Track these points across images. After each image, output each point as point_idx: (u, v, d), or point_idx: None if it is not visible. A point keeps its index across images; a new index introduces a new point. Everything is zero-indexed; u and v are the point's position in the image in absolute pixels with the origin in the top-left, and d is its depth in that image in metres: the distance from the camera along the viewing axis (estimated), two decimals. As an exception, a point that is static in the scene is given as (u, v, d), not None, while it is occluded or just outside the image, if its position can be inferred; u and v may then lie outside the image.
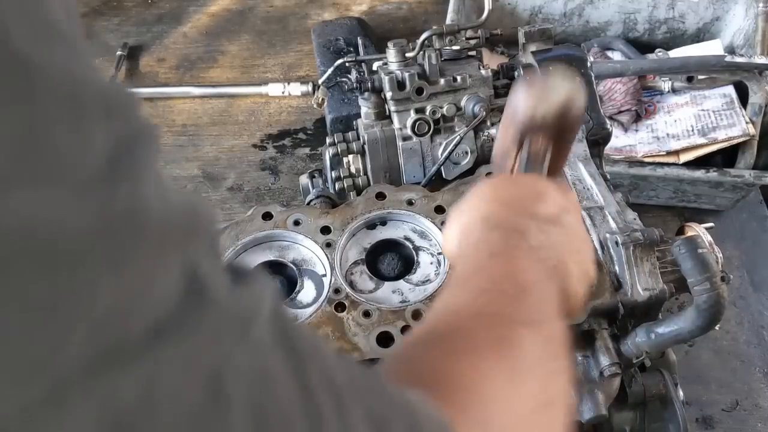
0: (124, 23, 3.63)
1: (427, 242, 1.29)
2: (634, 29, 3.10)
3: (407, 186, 1.38)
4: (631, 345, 1.18)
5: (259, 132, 3.15)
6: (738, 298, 2.37)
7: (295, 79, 3.30)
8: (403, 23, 3.62)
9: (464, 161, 1.44)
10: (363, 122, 1.48)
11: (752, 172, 2.47)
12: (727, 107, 2.71)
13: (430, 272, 1.26)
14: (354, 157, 1.47)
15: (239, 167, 3.04)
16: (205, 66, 3.44)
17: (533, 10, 3.11)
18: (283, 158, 3.06)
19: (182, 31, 3.60)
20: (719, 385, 2.15)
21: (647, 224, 1.27)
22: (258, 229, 1.29)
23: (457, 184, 1.33)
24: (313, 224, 1.28)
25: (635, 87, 2.76)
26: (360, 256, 1.28)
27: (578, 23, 3.09)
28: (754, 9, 2.81)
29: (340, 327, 1.15)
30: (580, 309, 0.82)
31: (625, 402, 1.25)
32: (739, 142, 2.59)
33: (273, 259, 1.29)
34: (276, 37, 3.54)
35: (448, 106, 1.43)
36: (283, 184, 2.97)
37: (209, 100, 3.25)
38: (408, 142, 1.44)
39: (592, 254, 0.87)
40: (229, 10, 3.70)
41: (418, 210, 1.30)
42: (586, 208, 1.28)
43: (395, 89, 1.41)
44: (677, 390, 1.27)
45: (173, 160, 3.07)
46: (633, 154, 2.65)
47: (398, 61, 1.44)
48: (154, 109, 3.24)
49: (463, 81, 1.42)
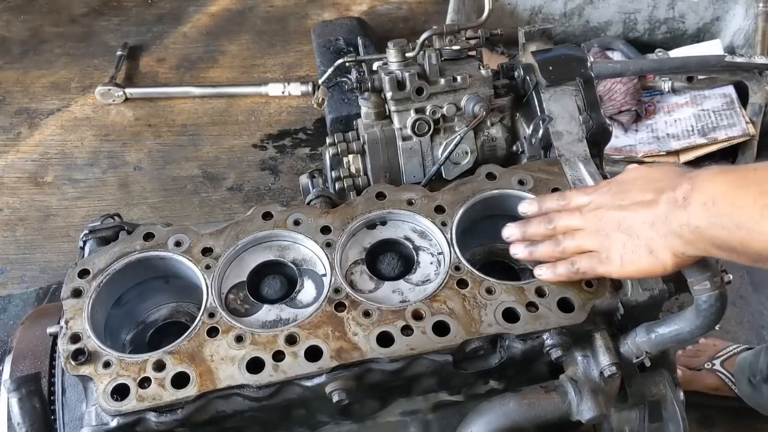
0: (124, 23, 3.64)
1: (427, 242, 1.29)
2: (634, 29, 3.10)
3: (407, 186, 1.38)
4: (631, 345, 1.18)
5: (259, 132, 3.16)
6: (738, 298, 2.37)
7: (295, 79, 3.30)
8: (403, 23, 3.62)
9: (464, 161, 1.44)
10: (363, 122, 1.48)
11: (752, 172, 2.47)
12: (727, 107, 2.71)
13: (430, 272, 1.26)
14: (354, 157, 1.47)
15: (239, 167, 3.05)
16: (205, 66, 3.44)
17: (533, 10, 3.11)
18: (283, 158, 3.06)
19: (182, 31, 3.60)
20: (719, 385, 2.16)
21: (647, 224, 1.27)
22: (258, 228, 1.29)
23: (457, 184, 1.33)
24: (313, 224, 1.28)
25: (635, 87, 2.76)
26: (360, 256, 1.28)
27: (578, 23, 3.09)
28: (754, 9, 2.81)
29: (340, 327, 1.15)
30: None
31: (625, 402, 1.25)
32: (739, 142, 2.59)
33: (273, 259, 1.29)
34: (276, 37, 3.55)
35: (448, 106, 1.43)
36: (283, 184, 2.98)
37: (209, 100, 3.26)
38: (408, 142, 1.44)
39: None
40: (229, 10, 3.71)
41: (418, 210, 1.30)
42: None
43: (395, 89, 1.41)
44: (677, 390, 1.27)
45: (173, 160, 3.08)
46: (633, 154, 2.65)
47: (398, 61, 1.44)
48: (154, 109, 3.25)
49: (463, 81, 1.42)
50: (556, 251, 1.14)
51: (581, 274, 1.12)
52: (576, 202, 1.14)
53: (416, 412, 1.26)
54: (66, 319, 1.17)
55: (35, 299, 2.54)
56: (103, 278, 1.23)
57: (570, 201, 1.15)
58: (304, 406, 1.18)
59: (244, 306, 1.24)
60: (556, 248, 1.14)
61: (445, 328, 1.14)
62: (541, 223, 1.16)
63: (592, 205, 1.11)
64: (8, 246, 2.75)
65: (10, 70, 3.40)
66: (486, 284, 1.19)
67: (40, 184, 2.95)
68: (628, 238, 1.04)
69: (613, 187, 1.10)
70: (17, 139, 3.12)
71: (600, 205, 1.09)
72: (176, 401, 1.08)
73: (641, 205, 1.03)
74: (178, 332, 1.17)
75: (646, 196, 1.03)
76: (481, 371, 1.19)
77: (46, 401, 1.20)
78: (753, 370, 1.91)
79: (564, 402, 1.17)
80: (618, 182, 1.11)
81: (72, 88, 3.32)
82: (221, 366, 1.11)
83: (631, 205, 1.05)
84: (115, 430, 1.08)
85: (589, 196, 1.12)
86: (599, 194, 1.11)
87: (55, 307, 1.35)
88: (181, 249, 1.26)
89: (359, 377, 1.13)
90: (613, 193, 1.09)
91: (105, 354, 1.13)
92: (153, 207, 2.85)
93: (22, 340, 1.38)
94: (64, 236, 2.76)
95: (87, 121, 3.17)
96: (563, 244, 1.13)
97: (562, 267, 1.13)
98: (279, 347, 1.13)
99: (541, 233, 1.16)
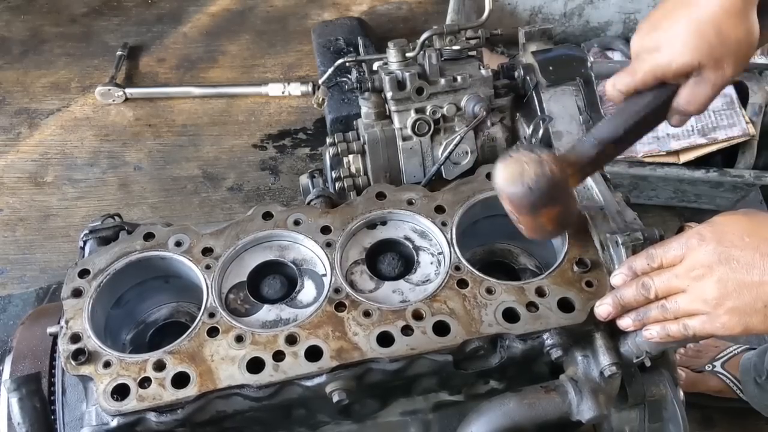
0: (124, 23, 3.63)
1: (427, 242, 1.29)
2: (634, 29, 3.10)
3: (407, 186, 1.38)
4: (631, 345, 1.18)
5: (259, 132, 3.16)
6: (738, 298, 2.36)
7: (295, 79, 3.30)
8: (403, 23, 3.62)
9: (464, 161, 1.44)
10: (363, 122, 1.48)
11: (752, 172, 2.47)
12: (727, 107, 2.71)
13: (430, 272, 1.26)
14: (354, 157, 1.47)
15: (239, 167, 3.04)
16: (205, 66, 3.44)
17: (533, 10, 3.11)
18: (283, 158, 3.06)
19: (182, 31, 3.60)
20: (719, 385, 2.16)
21: (647, 224, 1.27)
22: (258, 228, 1.29)
23: (457, 184, 1.33)
24: (313, 224, 1.28)
25: (635, 87, 2.76)
26: (360, 256, 1.28)
27: (578, 23, 3.09)
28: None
29: (341, 327, 1.15)
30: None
31: (625, 402, 1.25)
32: (739, 142, 2.59)
33: (273, 259, 1.29)
34: (276, 37, 3.54)
35: (448, 106, 1.43)
36: (283, 184, 2.97)
37: (209, 100, 3.26)
38: (408, 142, 1.44)
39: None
40: (229, 10, 3.70)
41: (418, 210, 1.30)
42: (586, 208, 1.28)
43: (395, 89, 1.41)
44: (677, 390, 1.27)
45: (173, 160, 3.07)
46: (633, 154, 2.65)
47: (398, 61, 1.44)
48: (154, 109, 3.24)
49: (464, 81, 1.42)
50: (667, 317, 1.09)
51: (692, 335, 1.08)
52: (667, 259, 1.09)
53: (416, 412, 1.26)
54: (66, 319, 1.17)
55: (35, 299, 2.54)
56: (104, 278, 1.23)
57: (659, 260, 1.10)
58: (304, 406, 1.18)
59: (244, 306, 1.24)
60: (666, 314, 1.09)
61: (446, 328, 1.14)
62: (638, 291, 1.11)
63: (689, 264, 1.06)
64: (8, 246, 2.74)
65: (10, 70, 3.40)
66: (486, 284, 1.19)
67: (40, 184, 2.94)
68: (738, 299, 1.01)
69: (709, 244, 1.04)
70: (17, 139, 3.11)
71: (699, 264, 1.04)
72: (176, 401, 1.08)
73: (746, 267, 1.00)
74: (179, 332, 1.17)
75: (747, 255, 1.00)
76: (482, 371, 1.19)
77: (46, 401, 1.20)
78: (758, 370, 1.91)
79: (564, 402, 1.17)
80: (710, 237, 1.05)
81: (72, 88, 3.31)
82: (221, 366, 1.11)
83: (735, 265, 1.01)
84: (115, 430, 1.08)
85: (680, 251, 1.07)
86: (692, 251, 1.06)
87: (55, 307, 1.35)
88: (182, 249, 1.26)
89: (359, 377, 1.13)
90: (709, 251, 1.04)
91: (105, 354, 1.13)
92: (153, 207, 2.85)
93: (22, 340, 1.38)
94: (64, 236, 2.76)
95: (87, 121, 3.17)
96: (670, 309, 1.08)
97: (673, 328, 1.09)
98: (279, 347, 1.13)
99: (639, 302, 1.12)
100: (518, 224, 1.17)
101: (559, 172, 1.09)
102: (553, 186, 1.09)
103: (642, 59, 1.13)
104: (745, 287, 1.00)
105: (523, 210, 1.12)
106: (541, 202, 1.10)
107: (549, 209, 1.12)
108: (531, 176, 1.07)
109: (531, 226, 1.16)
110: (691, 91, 1.12)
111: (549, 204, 1.11)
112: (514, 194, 1.10)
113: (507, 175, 1.10)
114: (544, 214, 1.13)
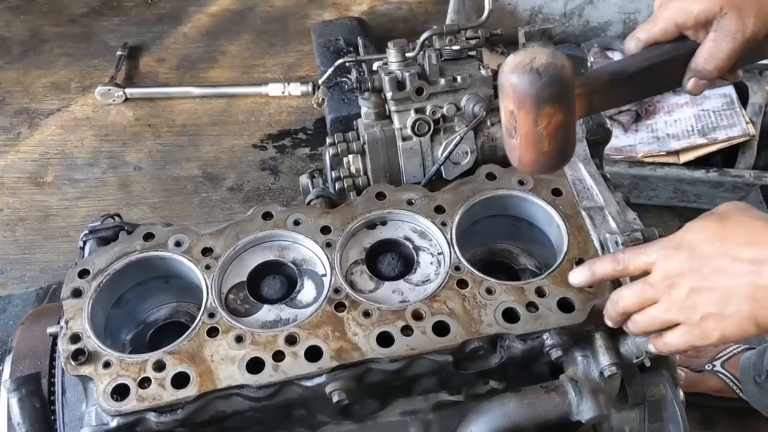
0: (124, 23, 3.63)
1: (427, 242, 1.29)
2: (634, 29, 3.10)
3: (407, 186, 1.38)
4: (631, 345, 1.18)
5: (259, 132, 3.16)
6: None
7: (295, 79, 3.30)
8: (403, 23, 3.62)
9: (464, 161, 1.44)
10: (363, 122, 1.48)
11: (752, 172, 2.47)
12: (727, 107, 2.71)
13: (430, 272, 1.26)
14: (354, 157, 1.47)
15: (239, 167, 3.04)
16: (205, 66, 3.44)
17: (533, 10, 3.11)
18: (283, 158, 3.06)
19: (182, 31, 3.60)
20: (719, 385, 2.15)
21: (647, 224, 1.27)
22: (258, 228, 1.29)
23: (457, 184, 1.33)
24: (313, 224, 1.29)
25: (635, 87, 2.76)
26: (360, 256, 1.28)
27: (578, 23, 3.09)
28: (754, 9, 2.80)
29: (340, 327, 1.15)
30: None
31: (625, 402, 1.25)
32: (739, 142, 2.59)
33: (273, 259, 1.29)
34: (276, 37, 3.54)
35: (448, 106, 1.43)
36: (283, 184, 2.98)
37: (209, 100, 3.26)
38: (408, 142, 1.44)
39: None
40: (229, 10, 3.70)
41: (418, 210, 1.30)
42: (586, 208, 1.28)
43: (395, 89, 1.41)
44: (677, 390, 1.27)
45: (173, 160, 3.07)
46: (633, 154, 2.65)
47: (398, 61, 1.44)
48: (154, 109, 3.24)
49: (463, 81, 1.42)
50: (646, 329, 1.10)
51: (674, 350, 1.08)
52: (637, 265, 1.07)
53: (416, 412, 1.26)
54: (66, 319, 1.17)
55: (35, 299, 2.54)
56: (103, 278, 1.23)
57: (625, 264, 1.08)
58: (304, 406, 1.18)
59: (244, 306, 1.24)
60: (643, 327, 1.09)
61: (445, 328, 1.14)
62: (612, 307, 1.11)
63: (661, 273, 1.04)
64: (8, 246, 2.74)
65: (10, 70, 3.40)
66: (486, 284, 1.19)
67: (40, 184, 2.95)
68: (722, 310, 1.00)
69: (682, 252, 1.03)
70: (17, 139, 3.11)
71: (672, 273, 1.03)
72: (176, 401, 1.08)
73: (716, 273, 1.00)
74: (178, 332, 1.17)
75: (718, 261, 1.00)
76: (482, 371, 1.19)
77: (46, 401, 1.20)
78: (758, 369, 1.91)
79: (564, 402, 1.17)
80: (682, 245, 1.04)
81: (72, 88, 3.32)
82: (221, 366, 1.11)
83: (707, 271, 1.00)
84: (115, 430, 1.08)
85: (651, 258, 1.05)
86: (665, 259, 1.04)
87: (55, 307, 1.35)
88: (181, 249, 1.26)
89: (359, 377, 1.13)
90: (682, 260, 1.03)
91: (105, 354, 1.13)
92: (153, 207, 2.85)
93: (22, 340, 1.38)
94: (64, 236, 2.76)
95: (87, 121, 3.17)
96: (645, 321, 1.08)
97: (659, 344, 1.09)
98: (279, 347, 1.13)
99: (615, 319, 1.12)
100: (513, 138, 1.06)
101: (570, 71, 1.01)
102: (562, 79, 1.01)
103: (664, 7, 1.14)
104: (716, 293, 1.00)
105: (526, 102, 1.02)
106: (547, 94, 1.00)
107: (552, 108, 1.01)
108: (542, 62, 1.00)
109: (528, 136, 1.04)
110: (711, 44, 1.10)
111: (554, 101, 1.01)
112: (519, 81, 1.01)
113: (516, 63, 1.02)
114: (545, 116, 1.02)
